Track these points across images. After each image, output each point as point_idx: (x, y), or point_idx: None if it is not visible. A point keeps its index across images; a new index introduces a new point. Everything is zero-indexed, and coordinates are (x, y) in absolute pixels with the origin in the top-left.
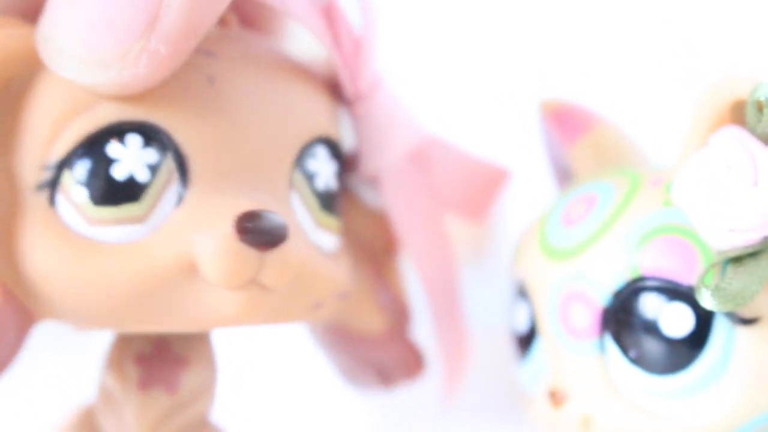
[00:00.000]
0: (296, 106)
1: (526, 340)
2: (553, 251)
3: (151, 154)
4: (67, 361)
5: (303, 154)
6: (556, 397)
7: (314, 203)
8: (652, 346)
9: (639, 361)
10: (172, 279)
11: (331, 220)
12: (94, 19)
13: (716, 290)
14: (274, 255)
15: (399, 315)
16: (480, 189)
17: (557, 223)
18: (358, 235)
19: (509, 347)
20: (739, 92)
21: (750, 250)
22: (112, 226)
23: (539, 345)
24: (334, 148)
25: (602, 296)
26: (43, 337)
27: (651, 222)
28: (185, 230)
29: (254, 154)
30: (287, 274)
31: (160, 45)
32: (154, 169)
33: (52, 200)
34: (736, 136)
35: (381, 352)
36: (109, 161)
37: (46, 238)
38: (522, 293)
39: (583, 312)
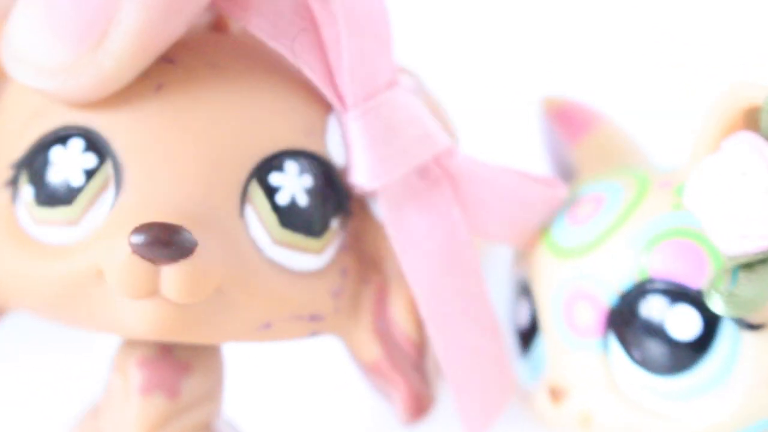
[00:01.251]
0: (261, 117)
1: (527, 337)
2: (559, 250)
3: (90, 159)
4: (72, 362)
5: (264, 167)
6: (555, 394)
7: (272, 219)
8: (657, 348)
9: (643, 362)
10: (86, 285)
11: (297, 238)
12: (47, 27)
13: (730, 296)
14: (175, 269)
15: (398, 345)
16: (528, 210)
17: (564, 222)
18: (368, 254)
19: (511, 344)
20: (753, 98)
21: (761, 257)
22: (50, 226)
23: (540, 342)
24: (311, 161)
25: (609, 296)
26: (48, 336)
27: (661, 225)
28: (104, 237)
29: (198, 164)
30: (189, 289)
31: (105, 59)
32: (90, 174)
33: (14, 198)
34: (750, 141)
35: (382, 382)
36: (50, 164)
37: (3, 234)
38: (524, 290)
39: (589, 311)
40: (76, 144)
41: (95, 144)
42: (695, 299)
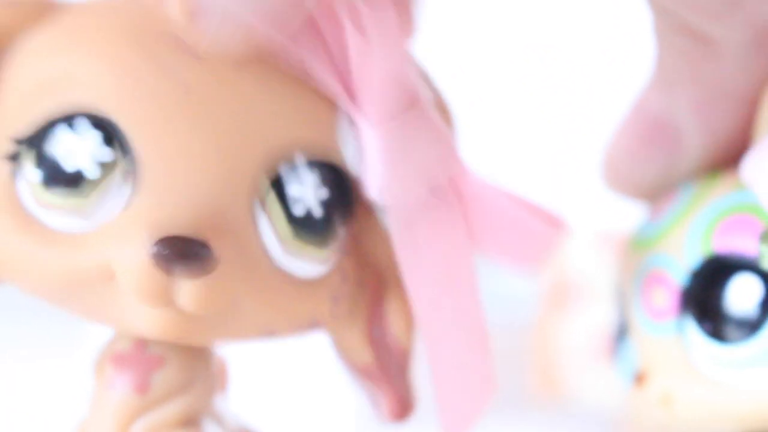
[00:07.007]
0: (278, 120)
1: (619, 339)
2: (638, 244)
3: (106, 152)
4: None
5: (282, 176)
6: (640, 379)
7: (287, 229)
8: (726, 317)
9: (714, 333)
10: (95, 281)
11: (309, 248)
12: None
13: None
14: (194, 284)
15: (389, 352)
16: (532, 239)
17: (644, 220)
18: (368, 257)
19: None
20: None
21: None
22: (57, 210)
23: (628, 339)
24: (330, 171)
25: (680, 276)
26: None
27: (723, 204)
28: (118, 237)
29: (217, 167)
30: (206, 304)
31: None
32: (105, 167)
33: (14, 174)
34: None
35: (369, 384)
36: (63, 150)
37: (2, 208)
38: (618, 295)
39: (663, 293)
40: (92, 134)
41: (113, 136)
42: (755, 267)
